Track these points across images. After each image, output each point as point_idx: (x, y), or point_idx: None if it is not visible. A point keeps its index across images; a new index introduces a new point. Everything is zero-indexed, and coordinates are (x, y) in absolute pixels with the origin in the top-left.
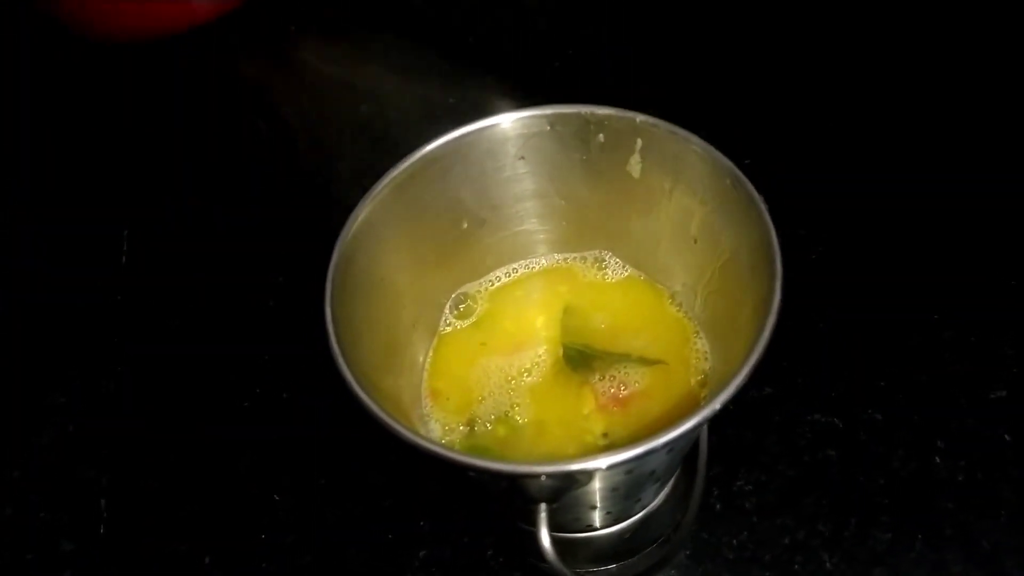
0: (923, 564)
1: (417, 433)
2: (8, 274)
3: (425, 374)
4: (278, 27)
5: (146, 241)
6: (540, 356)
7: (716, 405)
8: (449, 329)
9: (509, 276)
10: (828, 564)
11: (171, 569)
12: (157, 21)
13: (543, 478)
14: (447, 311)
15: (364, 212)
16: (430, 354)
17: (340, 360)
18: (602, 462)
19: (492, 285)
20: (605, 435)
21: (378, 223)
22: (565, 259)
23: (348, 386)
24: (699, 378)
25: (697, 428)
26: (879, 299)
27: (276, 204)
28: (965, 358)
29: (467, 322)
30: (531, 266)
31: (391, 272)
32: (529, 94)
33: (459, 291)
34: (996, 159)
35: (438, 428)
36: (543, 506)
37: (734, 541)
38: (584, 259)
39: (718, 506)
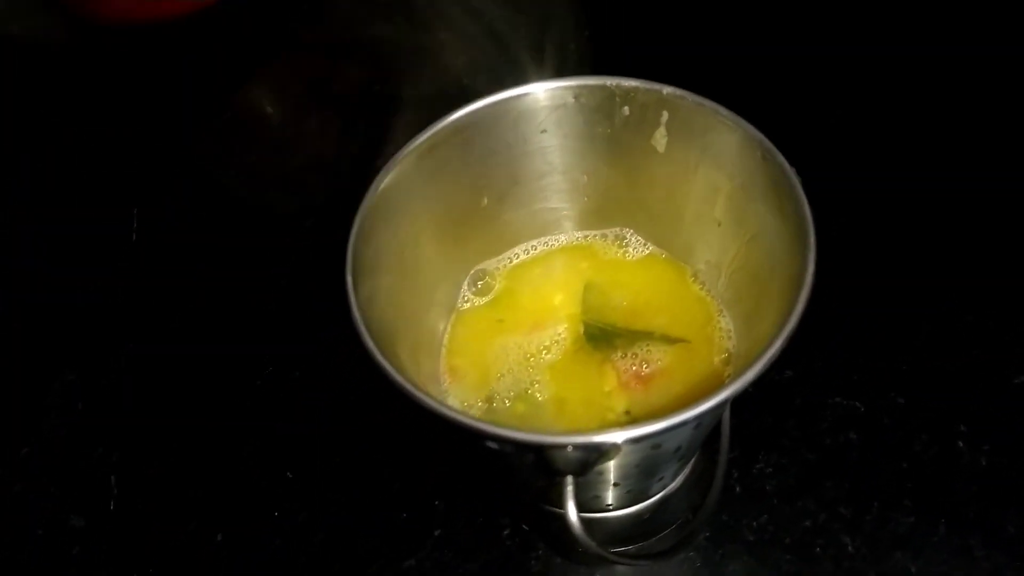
0: (945, 548)
1: (443, 403)
2: (18, 251)
3: (443, 351)
4: (283, 9)
5: (152, 227)
6: (560, 334)
7: (749, 377)
8: (467, 306)
9: (528, 253)
10: (850, 547)
11: (181, 546)
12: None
13: (570, 449)
14: (465, 288)
15: (386, 180)
16: (448, 331)
17: (362, 329)
18: (632, 433)
19: (511, 262)
20: (627, 412)
21: (399, 192)
22: (585, 236)
23: (371, 356)
24: (722, 356)
25: (727, 401)
26: (901, 282)
27: (279, 198)
28: (987, 342)
29: (485, 299)
30: (551, 243)
31: (411, 245)
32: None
33: (477, 268)
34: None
35: (456, 405)
36: (570, 479)
37: (754, 524)
38: (605, 236)
39: (738, 489)
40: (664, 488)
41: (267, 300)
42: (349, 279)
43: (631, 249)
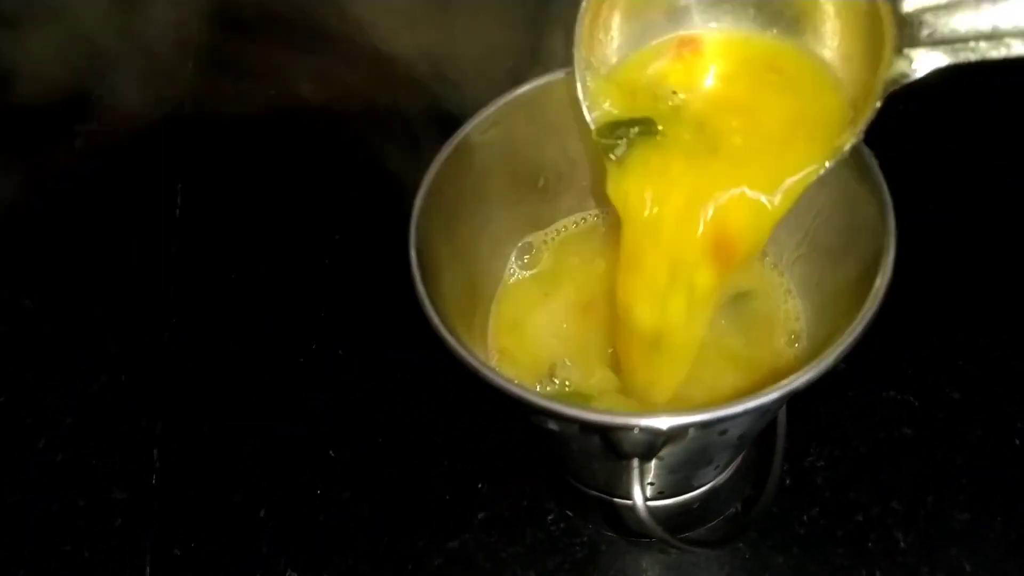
0: (1002, 544)
1: (508, 379)
2: (64, 225)
3: (491, 327)
4: None
5: (201, 193)
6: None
7: (827, 363)
8: (514, 279)
9: (577, 226)
10: (903, 543)
11: (225, 520)
12: None
13: (636, 431)
14: (512, 260)
15: (445, 156)
16: (495, 306)
17: (426, 303)
18: (701, 417)
19: (558, 235)
20: None
21: (460, 168)
22: None
23: (436, 331)
24: (789, 337)
25: (800, 389)
26: (958, 275)
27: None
28: None
29: (532, 272)
30: (599, 216)
31: (466, 219)
32: None
33: (524, 240)
34: None
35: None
36: (636, 462)
37: (805, 516)
38: None
39: (788, 481)
40: (715, 478)
41: (311, 278)
42: (413, 254)
43: None
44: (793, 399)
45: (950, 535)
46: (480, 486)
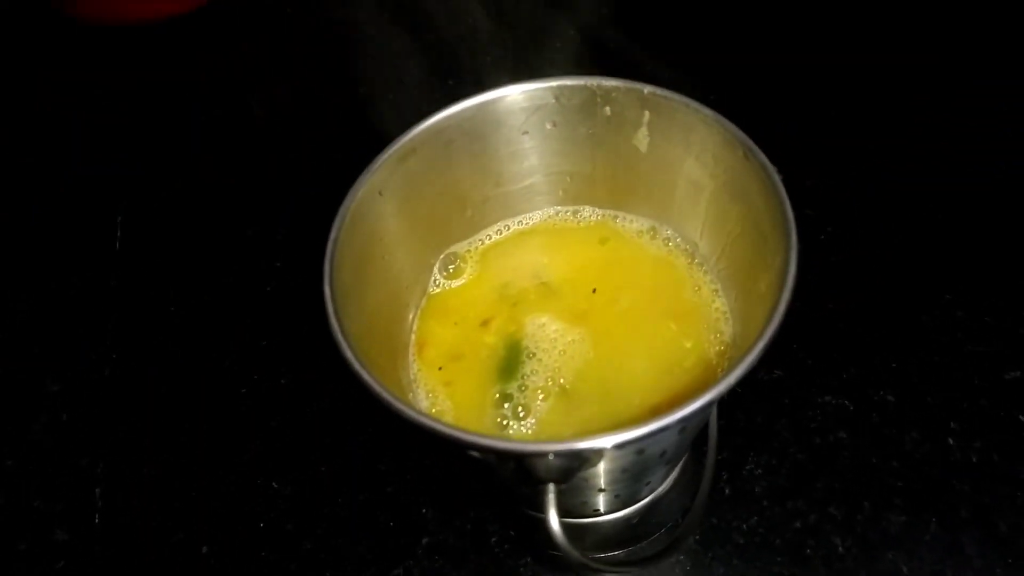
0: (938, 547)
1: (424, 413)
2: (0, 260)
3: (413, 336)
4: (271, 11)
5: (141, 226)
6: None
7: (729, 381)
8: (438, 290)
9: (500, 234)
10: (841, 548)
11: (168, 558)
12: (156, 5)
13: (551, 456)
14: (436, 272)
15: (365, 185)
16: (418, 317)
17: (340, 339)
18: (615, 439)
19: (482, 244)
20: None
21: (378, 197)
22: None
23: (350, 366)
24: (718, 349)
25: (710, 405)
26: (889, 279)
27: (270, 192)
28: (979, 338)
29: (457, 282)
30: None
31: (389, 249)
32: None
33: (448, 251)
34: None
35: (424, 397)
36: (551, 487)
37: (744, 526)
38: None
39: (727, 490)
40: (653, 492)
41: (251, 309)
42: (327, 289)
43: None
44: (728, 408)
45: (887, 539)
46: (424, 511)
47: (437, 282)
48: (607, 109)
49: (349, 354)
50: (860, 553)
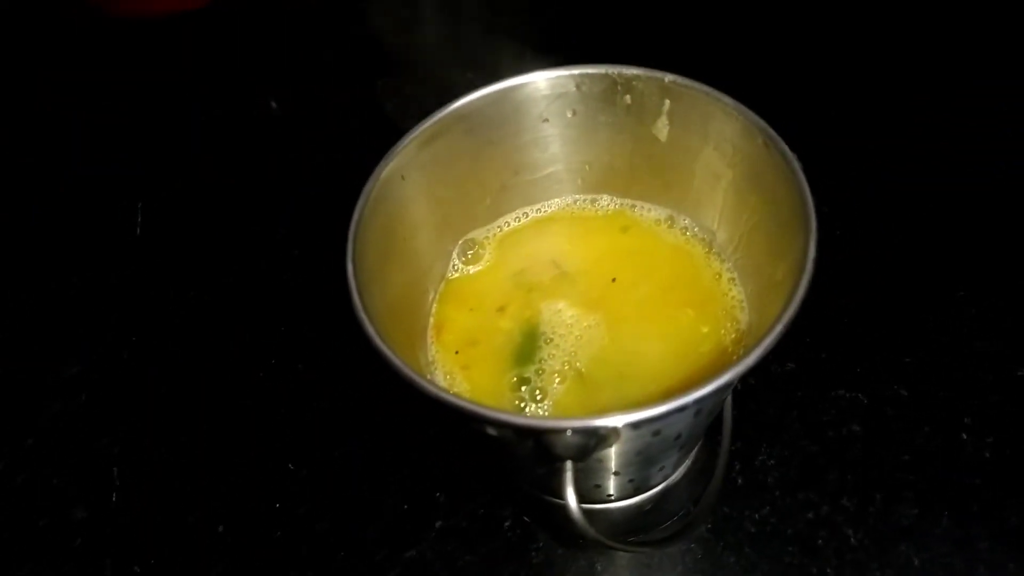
0: (949, 540)
1: (442, 388)
2: (22, 245)
3: (431, 320)
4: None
5: (161, 213)
6: (557, 307)
7: (746, 364)
8: (456, 275)
9: (519, 221)
10: (852, 539)
11: (184, 537)
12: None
13: (568, 433)
14: (454, 257)
15: (386, 170)
16: (435, 301)
17: (362, 316)
18: (631, 417)
19: (500, 231)
20: None
21: (400, 183)
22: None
23: (371, 343)
24: (733, 336)
25: (727, 387)
26: (902, 276)
27: (289, 180)
28: (991, 335)
29: (475, 268)
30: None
31: (409, 233)
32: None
33: (467, 237)
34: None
35: (442, 377)
36: (569, 464)
37: (756, 516)
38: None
39: (740, 481)
40: (666, 479)
41: (270, 293)
42: (350, 267)
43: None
44: (741, 399)
45: (899, 531)
46: (438, 495)
47: (455, 267)
48: (627, 97)
49: (371, 330)
50: (872, 545)
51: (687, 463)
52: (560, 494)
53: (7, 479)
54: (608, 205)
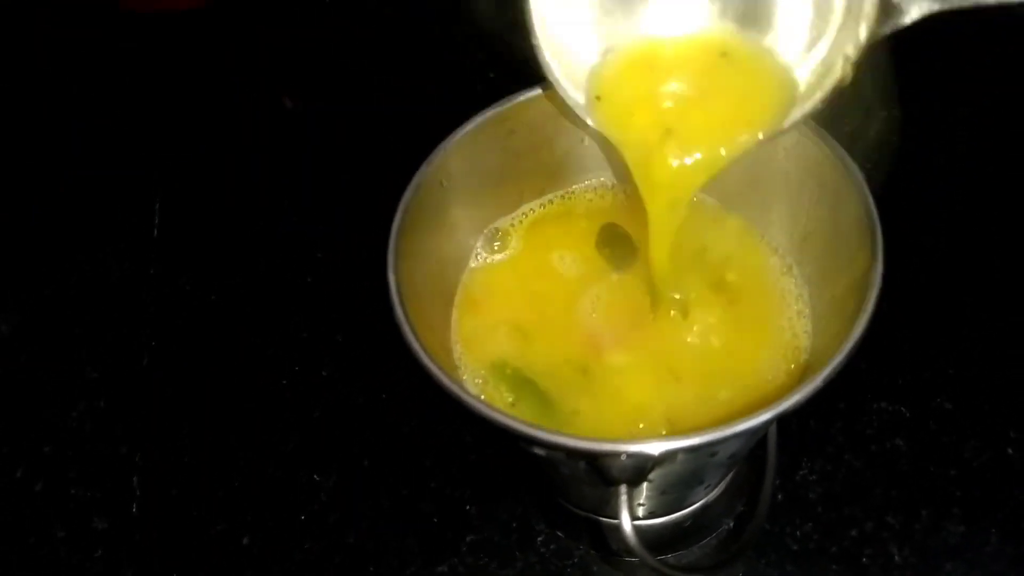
0: (999, 558)
1: (493, 407)
2: (39, 248)
3: (455, 314)
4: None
5: (179, 214)
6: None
7: (815, 385)
8: (480, 264)
9: (544, 207)
10: (898, 557)
11: (207, 549)
12: None
13: (624, 457)
14: (479, 246)
15: (426, 174)
16: (461, 293)
17: (408, 332)
18: (690, 442)
19: (526, 217)
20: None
21: (440, 186)
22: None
23: (420, 363)
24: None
25: (790, 411)
26: (948, 284)
27: (310, 181)
28: None
29: (501, 256)
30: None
31: (447, 235)
32: None
33: (491, 226)
34: None
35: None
36: (624, 487)
37: (798, 532)
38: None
39: (780, 496)
40: (706, 496)
41: (291, 300)
42: (392, 277)
43: None
44: None
45: (946, 549)
46: (469, 508)
47: (479, 256)
48: None
49: (425, 359)
50: (918, 563)
51: (727, 479)
52: (608, 514)
53: (25, 488)
54: None
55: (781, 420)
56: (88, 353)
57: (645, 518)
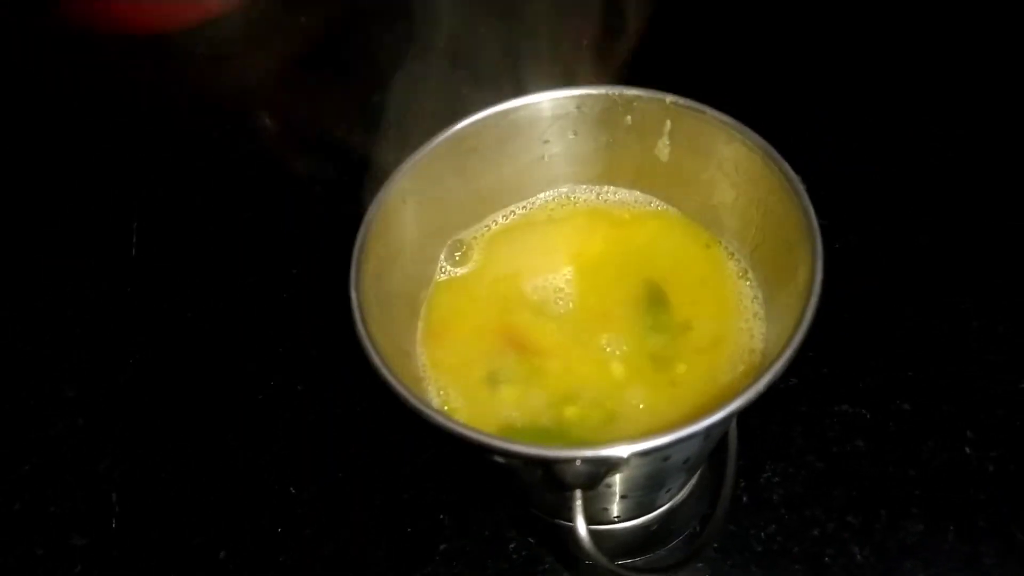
0: (956, 556)
1: (451, 418)
2: (16, 266)
3: (421, 323)
4: (286, 21)
5: (157, 233)
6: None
7: (759, 387)
8: (444, 277)
9: (506, 219)
10: (859, 556)
11: (185, 563)
12: (172, 16)
13: (578, 463)
14: (442, 259)
15: (388, 195)
16: (425, 306)
17: (368, 346)
18: (642, 446)
19: (488, 230)
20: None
21: (402, 203)
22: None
23: (389, 385)
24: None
25: (736, 413)
26: (905, 288)
27: (285, 199)
28: (995, 347)
29: (464, 270)
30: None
31: (409, 256)
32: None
33: (454, 238)
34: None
35: (434, 393)
36: (579, 493)
37: (762, 534)
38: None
39: (744, 498)
40: (671, 499)
41: (269, 313)
42: (353, 294)
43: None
44: (745, 416)
45: (905, 548)
46: (442, 518)
47: (444, 269)
48: (628, 118)
49: (387, 374)
50: (878, 562)
51: (692, 482)
52: (569, 519)
53: (3, 506)
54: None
55: (743, 423)
56: (66, 371)
57: (611, 523)
